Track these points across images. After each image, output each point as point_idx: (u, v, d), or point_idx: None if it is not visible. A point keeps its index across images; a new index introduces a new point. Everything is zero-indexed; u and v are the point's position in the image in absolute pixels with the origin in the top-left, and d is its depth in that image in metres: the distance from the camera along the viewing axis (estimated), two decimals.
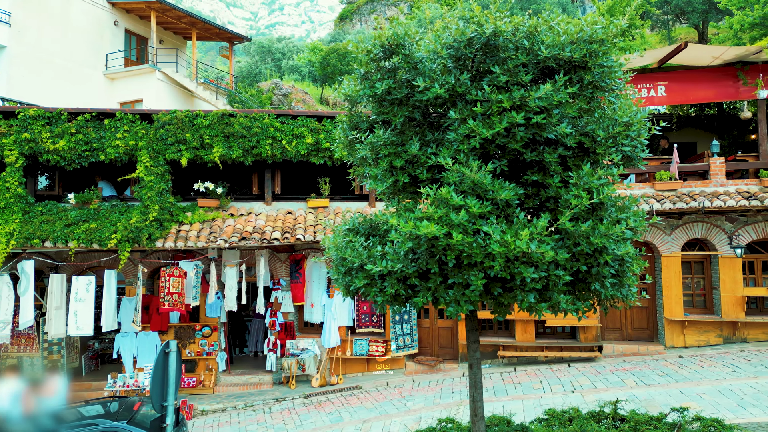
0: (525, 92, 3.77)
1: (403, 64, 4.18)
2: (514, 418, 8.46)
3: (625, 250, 3.84)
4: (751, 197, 10.85)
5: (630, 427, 5.94)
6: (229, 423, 10.86)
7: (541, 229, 3.71)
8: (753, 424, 6.84)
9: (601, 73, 4.04)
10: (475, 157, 4.00)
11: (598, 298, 4.29)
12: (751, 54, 11.20)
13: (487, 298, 4.23)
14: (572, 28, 3.93)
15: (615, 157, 3.96)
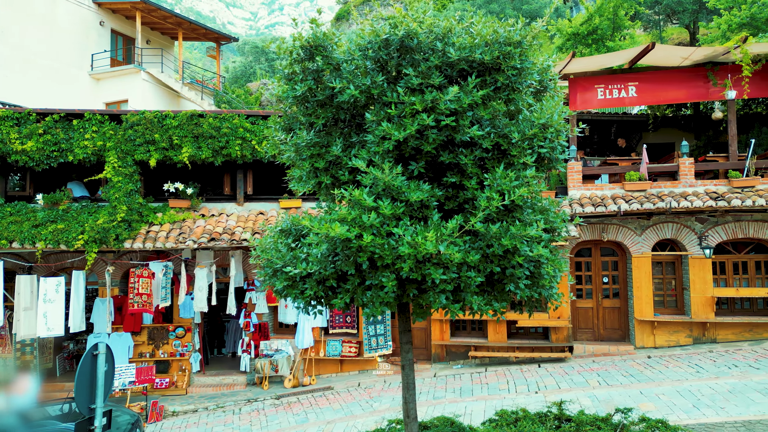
0: (437, 94, 3.77)
1: (324, 66, 4.18)
2: (473, 419, 8.49)
3: (538, 251, 3.83)
4: (719, 198, 10.86)
5: (572, 428, 5.94)
6: (197, 424, 10.85)
7: (451, 230, 3.71)
8: (701, 425, 6.85)
9: (515, 74, 4.04)
10: (391, 158, 4.01)
11: (514, 299, 4.28)
12: (719, 55, 11.22)
13: (407, 299, 4.23)
14: (485, 31, 3.93)
15: (528, 159, 3.96)
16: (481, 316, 4.39)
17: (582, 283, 12.53)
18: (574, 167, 12.04)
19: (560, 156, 4.22)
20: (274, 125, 4.93)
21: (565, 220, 4.57)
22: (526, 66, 4.06)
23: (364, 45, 4.03)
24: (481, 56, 3.86)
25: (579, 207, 11.23)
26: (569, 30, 24.92)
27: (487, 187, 3.90)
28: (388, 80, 4.11)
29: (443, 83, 3.96)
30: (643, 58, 11.67)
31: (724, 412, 7.25)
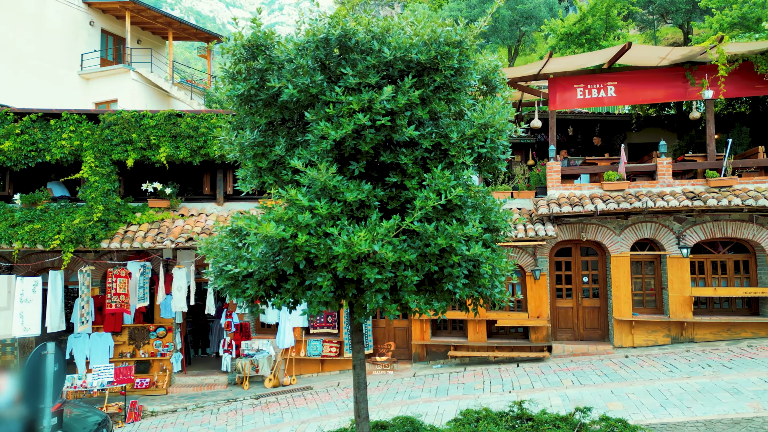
0: (373, 94, 3.77)
1: (266, 65, 4.19)
2: (444, 418, 8.49)
3: (475, 250, 3.83)
4: (695, 198, 10.88)
5: (529, 427, 5.94)
6: (174, 424, 10.84)
7: (386, 230, 3.71)
8: (663, 425, 6.85)
9: (453, 74, 4.04)
10: (331, 158, 4.01)
11: (452, 298, 4.28)
12: (696, 55, 11.22)
13: (350, 299, 4.23)
14: (423, 30, 3.93)
15: (467, 159, 3.96)
16: (420, 315, 4.38)
17: (562, 283, 12.54)
18: (553, 167, 12.05)
19: (501, 156, 4.22)
20: (225, 125, 4.93)
21: (509, 219, 4.55)
22: (465, 66, 4.06)
23: (302, 44, 4.03)
24: (418, 56, 3.86)
25: (556, 207, 11.24)
26: (562, 30, 24.93)
27: (426, 187, 3.90)
28: (329, 80, 4.11)
29: (382, 83, 3.96)
30: (622, 58, 11.68)
31: (689, 411, 7.25)
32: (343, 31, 3.91)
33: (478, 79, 4.51)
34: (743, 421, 6.50)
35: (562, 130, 15.96)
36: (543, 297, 12.10)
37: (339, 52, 4.04)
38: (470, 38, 4.13)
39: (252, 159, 4.33)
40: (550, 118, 12.40)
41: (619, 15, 26.23)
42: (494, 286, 4.31)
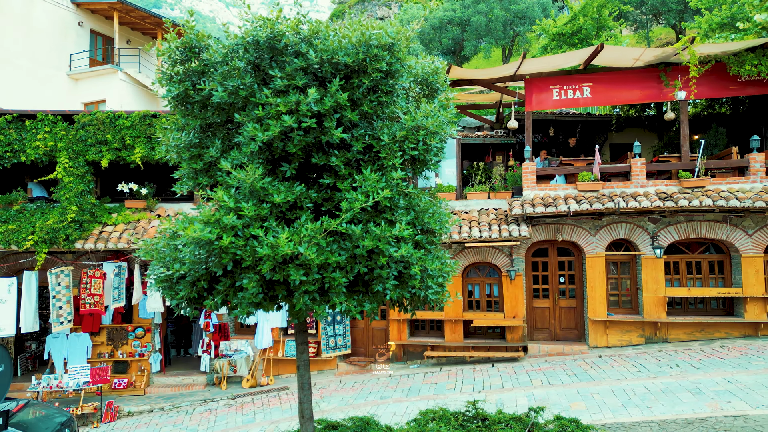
0: (299, 96, 3.80)
1: (199, 68, 4.21)
2: (409, 418, 8.51)
3: (402, 252, 3.86)
4: (667, 198, 10.91)
5: (479, 427, 5.97)
6: (148, 424, 10.86)
7: (312, 232, 3.73)
8: (619, 424, 6.88)
9: (383, 77, 4.07)
10: (262, 160, 4.03)
11: (383, 299, 4.31)
12: (670, 56, 11.26)
13: (284, 300, 4.25)
14: (350, 33, 3.96)
15: (397, 162, 3.98)
16: (362, 316, 4.39)
17: (539, 283, 12.57)
18: (528, 168, 12.08)
19: (434, 158, 4.25)
20: (169, 125, 4.95)
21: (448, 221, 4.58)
22: (396, 69, 4.08)
23: (232, 47, 4.06)
24: (344, 58, 3.89)
25: (530, 207, 11.27)
26: (553, 30, 24.99)
27: (356, 189, 3.93)
28: (263, 82, 4.14)
29: (313, 85, 3.99)
30: (597, 59, 11.71)
31: (649, 411, 7.28)
32: (271, 33, 3.93)
33: (413, 81, 4.53)
34: (696, 421, 6.53)
35: (543, 130, 15.99)
36: (519, 297, 12.13)
37: (271, 54, 4.07)
38: (403, 41, 4.15)
39: (188, 161, 4.36)
40: (526, 119, 12.43)
41: (610, 15, 26.30)
42: (427, 287, 4.33)
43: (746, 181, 11.14)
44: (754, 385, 7.72)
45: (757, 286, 11.13)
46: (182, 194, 12.88)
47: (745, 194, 10.67)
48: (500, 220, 11.99)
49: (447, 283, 5.07)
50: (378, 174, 3.92)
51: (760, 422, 6.19)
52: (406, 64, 4.28)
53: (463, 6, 41.05)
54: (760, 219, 11.13)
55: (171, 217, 12.33)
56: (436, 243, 4.55)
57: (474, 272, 12.89)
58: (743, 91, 11.62)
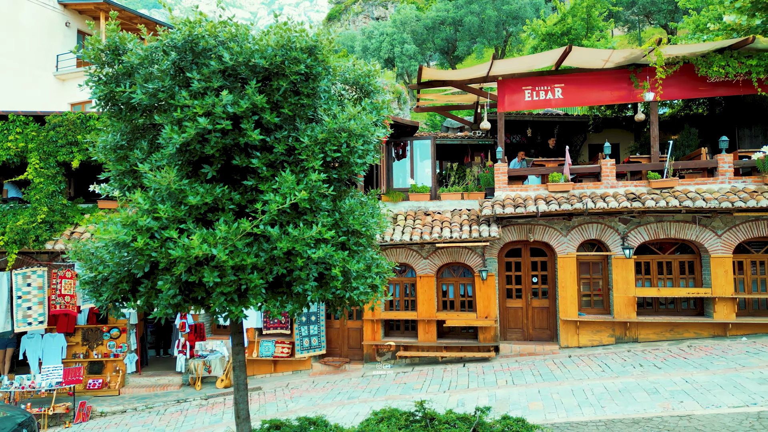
0: (215, 98, 3.84)
1: (123, 69, 4.25)
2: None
3: (319, 253, 3.90)
4: (635, 199, 10.96)
5: (424, 427, 6.01)
6: (118, 425, 10.90)
7: (226, 233, 3.77)
8: (567, 423, 6.92)
9: (303, 79, 4.10)
10: (182, 161, 4.07)
11: (305, 300, 4.34)
12: (639, 57, 11.30)
13: (199, 302, 4.27)
14: (268, 36, 3.99)
15: (317, 164, 4.02)
16: (273, 318, 4.43)
17: (512, 284, 12.61)
18: (500, 169, 12.13)
19: (359, 160, 4.28)
20: (104, 127, 4.98)
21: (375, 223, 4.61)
22: (316, 71, 4.12)
23: (152, 49, 4.10)
24: (260, 61, 3.93)
25: (500, 208, 11.31)
26: (543, 30, 25.05)
27: (275, 191, 3.96)
28: (186, 84, 4.17)
29: (234, 87, 4.02)
30: (568, 60, 11.77)
31: (602, 411, 7.33)
32: (190, 36, 3.97)
33: (346, 83, 4.56)
34: (643, 420, 6.57)
35: (522, 131, 16.05)
36: (491, 297, 12.18)
37: (192, 57, 4.11)
38: (325, 44, 4.19)
39: (115, 162, 4.40)
40: (498, 120, 12.48)
41: (600, 16, 26.36)
42: (353, 289, 4.36)
43: (715, 182, 11.18)
44: (710, 386, 7.76)
45: (726, 286, 11.17)
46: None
47: (712, 195, 10.72)
48: (472, 221, 12.03)
49: (383, 285, 5.11)
50: (296, 176, 3.96)
51: (704, 422, 6.23)
52: (329, 66, 4.32)
53: (456, 6, 41.09)
54: (729, 219, 11.17)
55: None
56: (363, 244, 4.57)
57: (448, 272, 12.94)
58: (713, 92, 11.66)
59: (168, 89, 4.03)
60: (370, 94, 4.93)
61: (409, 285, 13.05)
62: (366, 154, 4.36)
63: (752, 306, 11.61)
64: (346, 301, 4.58)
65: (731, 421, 6.13)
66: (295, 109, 4.17)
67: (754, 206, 10.26)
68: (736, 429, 5.91)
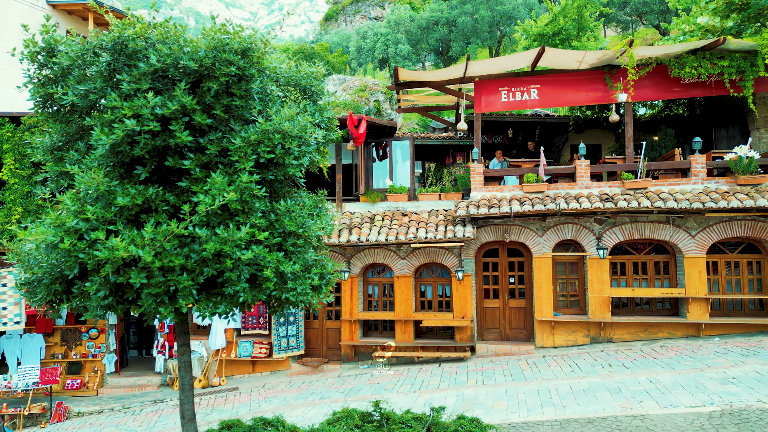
0: (143, 100, 3.87)
1: (58, 71, 4.28)
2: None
3: (248, 255, 3.92)
4: (608, 199, 10.99)
5: (376, 427, 6.03)
6: (92, 425, 10.92)
7: (154, 235, 3.79)
8: (524, 423, 6.95)
9: (236, 81, 4.13)
10: (113, 163, 4.09)
11: (238, 302, 4.35)
12: (612, 59, 11.33)
13: (130, 303, 4.29)
14: (195, 39, 4.02)
15: (248, 165, 4.05)
16: (211, 318, 4.46)
17: (490, 284, 12.64)
18: (476, 169, 12.16)
19: (294, 162, 4.31)
20: (47, 128, 5.01)
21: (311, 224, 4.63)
22: (249, 73, 4.15)
23: (82, 51, 4.13)
24: (189, 63, 3.96)
25: (474, 209, 11.34)
26: (535, 31, 25.08)
27: (206, 192, 3.99)
28: (119, 85, 4.20)
29: (167, 88, 4.05)
30: (544, 61, 11.80)
31: (562, 410, 7.35)
32: (119, 38, 4.00)
33: (291, 85, 4.58)
34: (597, 420, 6.60)
35: (503, 131, 16.08)
36: (468, 297, 12.21)
37: (125, 59, 4.14)
38: (259, 45, 4.22)
39: (52, 163, 4.43)
40: (475, 120, 12.51)
41: (591, 16, 26.39)
42: (288, 290, 4.38)
43: (688, 183, 11.22)
44: (672, 386, 7.79)
45: (700, 286, 11.21)
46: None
47: (684, 195, 10.76)
48: (448, 221, 12.06)
49: (329, 286, 5.14)
50: (226, 177, 3.99)
51: (656, 422, 6.25)
52: (264, 68, 4.34)
53: (450, 6, 41.12)
54: (702, 220, 11.20)
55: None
56: (301, 245, 4.59)
57: (426, 273, 12.97)
58: (688, 93, 11.70)
59: (100, 91, 4.06)
60: (312, 95, 4.96)
61: (388, 285, 13.08)
62: (302, 156, 4.38)
63: (727, 306, 11.65)
64: (284, 302, 4.60)
65: (683, 421, 6.16)
66: (227, 111, 4.20)
67: (725, 207, 10.30)
68: (686, 429, 5.94)
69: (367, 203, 13.24)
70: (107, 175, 4.02)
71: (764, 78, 10.95)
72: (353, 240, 11.86)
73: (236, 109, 4.26)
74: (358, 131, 12.23)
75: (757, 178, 10.85)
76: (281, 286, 4.32)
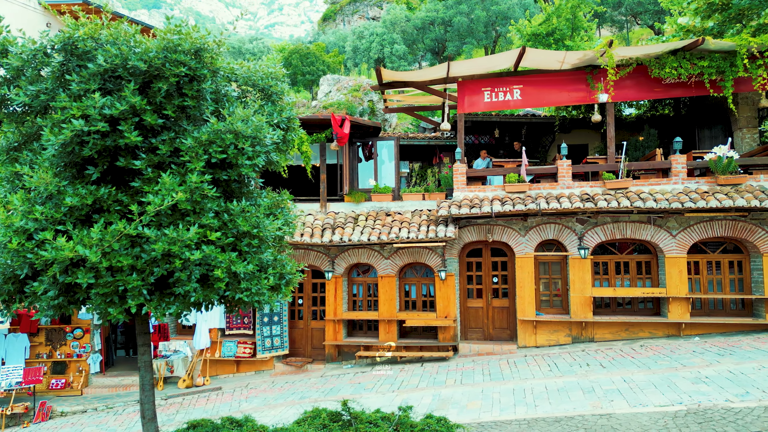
0: (91, 101, 3.89)
1: (12, 72, 4.30)
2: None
3: (197, 255, 3.94)
4: (588, 199, 11.02)
5: (342, 426, 6.06)
6: (74, 424, 10.94)
7: (101, 235, 3.81)
8: (493, 422, 6.96)
9: (188, 81, 4.15)
10: (64, 163, 4.11)
11: (190, 301, 4.37)
12: (593, 59, 11.34)
13: (80, 304, 4.31)
14: (142, 40, 4.05)
15: (198, 165, 4.07)
16: (156, 318, 4.47)
17: (473, 283, 12.67)
18: (458, 169, 12.18)
19: (247, 162, 4.33)
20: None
21: (267, 225, 4.64)
22: (201, 73, 4.17)
23: (33, 52, 4.15)
24: (138, 63, 3.98)
25: (456, 209, 11.37)
26: (529, 30, 25.10)
27: (156, 193, 4.01)
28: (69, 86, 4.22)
29: (115, 89, 4.07)
30: (526, 61, 11.83)
31: (533, 410, 7.38)
32: (69, 38, 4.03)
33: (250, 86, 4.60)
34: (565, 419, 6.61)
35: (489, 131, 16.10)
36: (451, 297, 12.23)
37: (77, 60, 4.16)
38: (211, 46, 4.24)
39: (7, 164, 4.45)
40: (458, 120, 12.53)
41: (585, 16, 26.39)
42: (242, 290, 4.40)
43: (668, 183, 11.25)
44: (645, 385, 7.82)
45: (681, 286, 11.23)
46: None
47: (663, 195, 10.79)
48: (430, 221, 12.08)
49: (290, 286, 5.16)
50: (177, 177, 4.01)
51: (622, 421, 6.27)
52: (217, 68, 4.37)
53: (445, 6, 41.15)
54: (683, 220, 11.23)
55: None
56: (255, 246, 4.60)
57: (411, 272, 12.99)
58: (669, 94, 11.72)
59: (51, 92, 4.08)
60: (271, 96, 4.98)
61: (373, 285, 13.11)
62: (257, 156, 4.40)
63: (708, 306, 11.68)
64: (238, 303, 4.62)
65: (648, 420, 6.18)
66: (179, 111, 4.22)
67: (704, 207, 10.32)
68: (649, 428, 5.96)
69: (352, 203, 13.26)
70: (58, 175, 4.04)
71: (744, 78, 10.98)
72: (336, 240, 11.88)
73: (189, 110, 4.29)
74: (342, 131, 12.26)
75: (737, 178, 10.88)
76: (235, 286, 4.34)
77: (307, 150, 12.40)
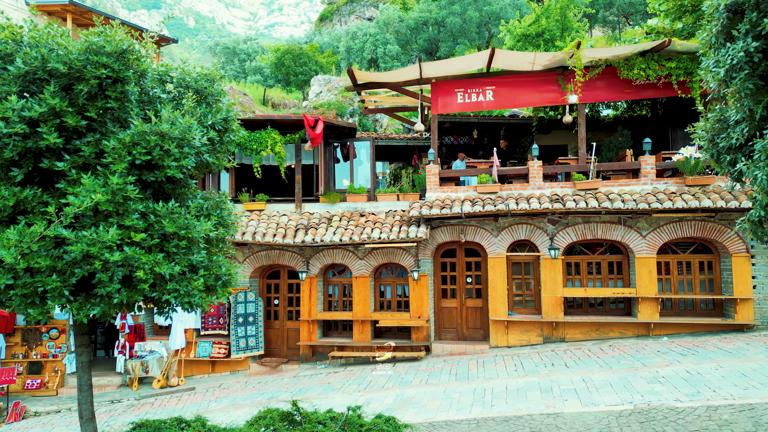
0: (8, 104, 3.93)
1: None
2: None
3: (117, 257, 3.97)
4: (557, 200, 11.05)
5: (288, 426, 6.09)
6: (45, 425, 10.97)
7: (18, 236, 3.84)
8: (444, 422, 7.00)
9: (111, 83, 4.19)
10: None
11: (112, 303, 4.40)
12: (562, 60, 11.38)
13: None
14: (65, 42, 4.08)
15: (121, 166, 4.11)
16: (76, 320, 4.50)
17: (447, 284, 12.70)
18: (431, 170, 12.22)
19: (173, 164, 4.36)
20: None
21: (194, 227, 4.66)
22: (124, 75, 4.20)
23: None
24: (58, 65, 4.02)
25: (427, 209, 11.40)
26: (519, 31, 25.13)
27: (76, 194, 4.04)
28: None
29: (39, 91, 4.11)
30: (498, 62, 11.87)
31: (488, 409, 7.41)
32: None
33: (184, 88, 4.63)
34: (513, 418, 6.65)
35: (468, 132, 16.14)
36: (424, 297, 12.27)
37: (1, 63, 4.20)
38: (137, 48, 4.27)
39: None
40: (432, 121, 12.57)
41: (575, 17, 26.43)
42: (169, 291, 4.43)
43: (638, 183, 11.29)
44: (602, 384, 7.86)
45: (650, 286, 11.27)
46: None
47: (632, 196, 10.82)
48: (403, 222, 12.12)
49: (227, 288, 5.19)
50: (100, 178, 4.04)
51: (567, 420, 6.31)
52: (144, 70, 4.40)
53: (438, 7, 41.22)
54: (653, 220, 11.27)
55: None
56: (183, 246, 4.62)
57: (386, 273, 13.03)
58: (639, 95, 11.77)
59: None
60: (206, 98, 5.02)
61: (348, 286, 13.15)
62: (184, 158, 4.44)
63: (679, 306, 11.72)
64: (163, 303, 4.65)
65: (593, 419, 6.21)
66: (102, 113, 4.26)
67: (671, 207, 10.36)
68: (592, 427, 6.00)
69: (327, 204, 13.30)
70: None
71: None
72: (308, 240, 11.92)
73: (113, 111, 4.32)
74: (314, 132, 12.29)
75: (705, 178, 10.92)
76: (162, 287, 4.37)
77: (280, 150, 12.44)
